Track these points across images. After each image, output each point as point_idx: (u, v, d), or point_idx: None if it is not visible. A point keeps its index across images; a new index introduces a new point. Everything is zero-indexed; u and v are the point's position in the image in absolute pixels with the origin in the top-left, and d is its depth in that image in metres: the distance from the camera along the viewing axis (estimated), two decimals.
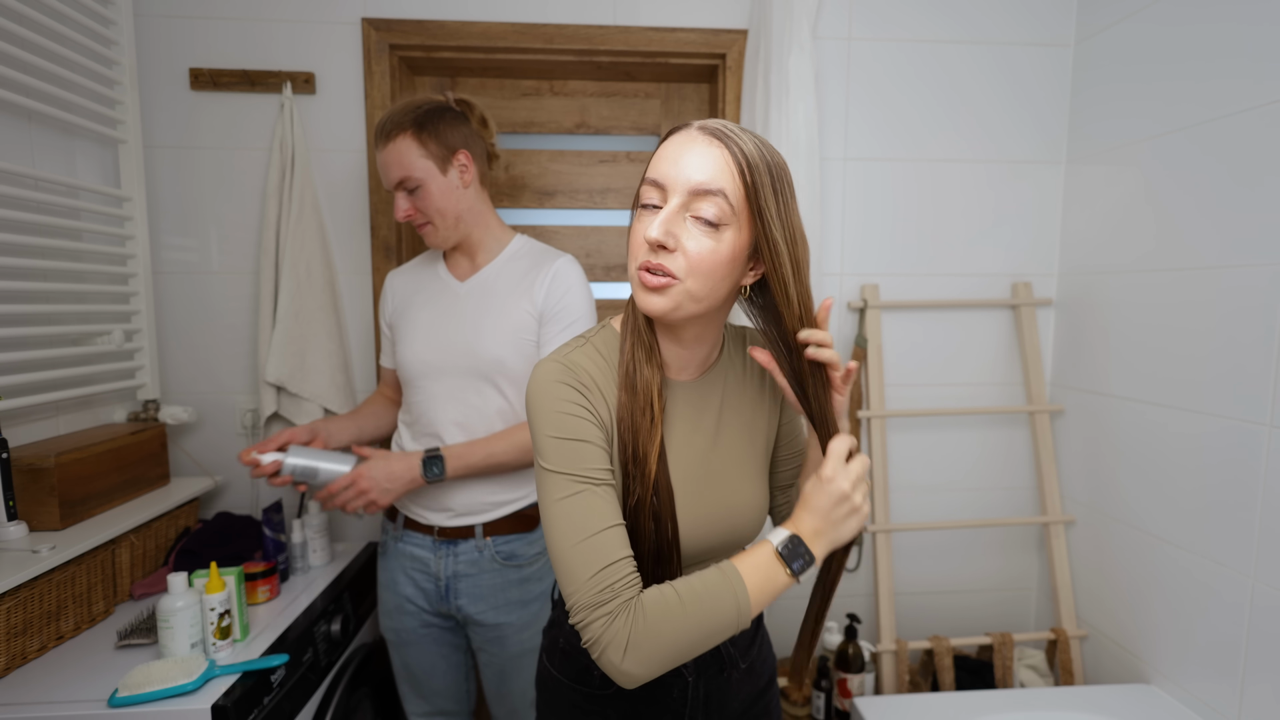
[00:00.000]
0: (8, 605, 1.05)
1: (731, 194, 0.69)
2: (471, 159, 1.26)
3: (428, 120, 1.22)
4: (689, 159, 0.69)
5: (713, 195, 0.69)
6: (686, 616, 0.67)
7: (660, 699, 0.86)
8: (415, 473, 1.22)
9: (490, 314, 1.26)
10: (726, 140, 0.69)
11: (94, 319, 1.44)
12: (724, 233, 0.70)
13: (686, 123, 0.73)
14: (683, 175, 0.69)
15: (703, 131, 0.71)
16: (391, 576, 1.34)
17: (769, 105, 1.53)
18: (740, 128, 0.72)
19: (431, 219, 1.25)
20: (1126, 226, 1.51)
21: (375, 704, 1.52)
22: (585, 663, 0.86)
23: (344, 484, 1.21)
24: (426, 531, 1.30)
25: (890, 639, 1.64)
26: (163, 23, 1.53)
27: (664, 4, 1.61)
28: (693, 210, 0.69)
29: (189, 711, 0.99)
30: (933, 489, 1.76)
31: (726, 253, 0.70)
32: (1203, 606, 1.31)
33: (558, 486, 0.70)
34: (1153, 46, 1.44)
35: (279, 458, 1.21)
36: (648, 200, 0.72)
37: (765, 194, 0.69)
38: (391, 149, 1.21)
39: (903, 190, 1.69)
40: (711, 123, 0.71)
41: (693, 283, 0.70)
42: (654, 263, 0.70)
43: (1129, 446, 1.50)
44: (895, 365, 1.72)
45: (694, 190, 0.69)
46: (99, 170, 1.48)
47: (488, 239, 1.31)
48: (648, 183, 0.72)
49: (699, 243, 0.69)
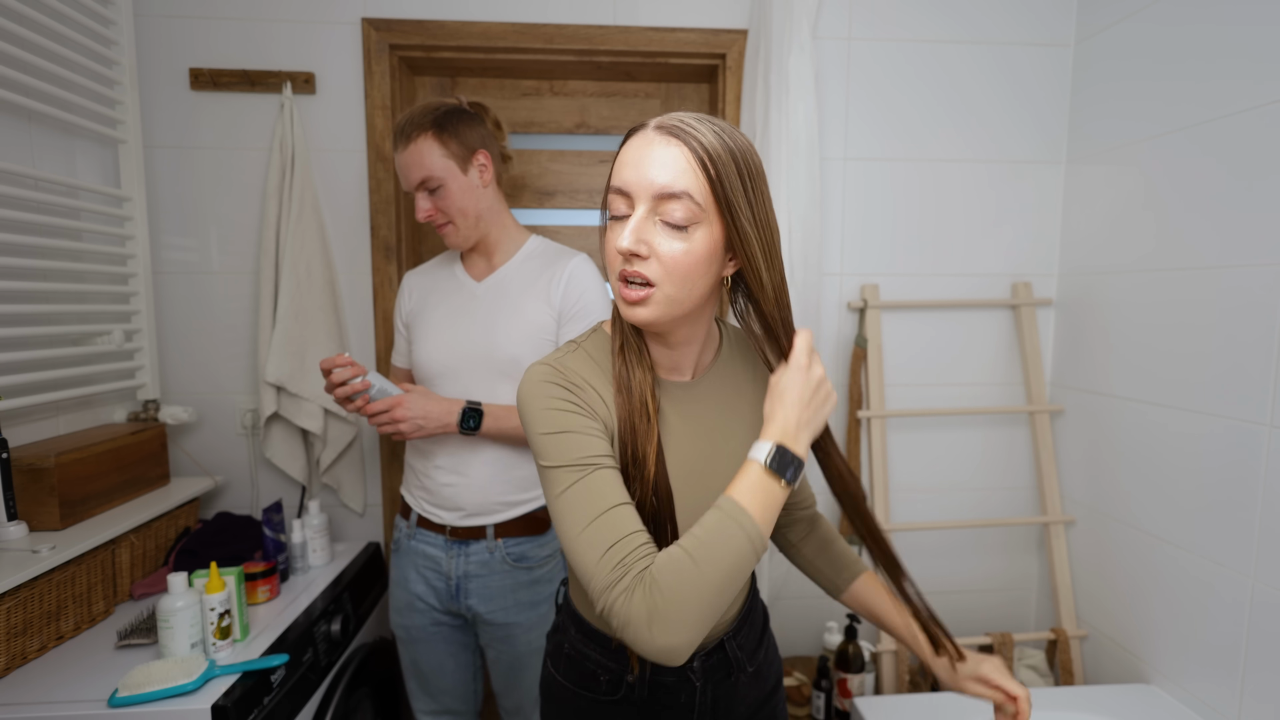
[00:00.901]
0: (8, 605, 1.05)
1: (697, 193, 0.67)
2: (490, 159, 1.28)
3: (447, 121, 1.23)
4: (650, 162, 0.68)
5: (677, 198, 0.67)
6: (700, 567, 0.64)
7: (668, 704, 0.85)
8: (451, 419, 1.22)
9: (506, 313, 1.27)
10: (684, 136, 0.68)
11: (94, 319, 1.44)
12: (695, 233, 0.69)
13: (643, 123, 0.71)
14: (645, 180, 0.68)
15: (660, 131, 0.69)
16: (403, 573, 1.35)
17: (769, 105, 1.53)
18: (700, 118, 0.70)
19: (453, 218, 1.26)
20: (1126, 226, 1.51)
21: (375, 704, 1.52)
22: (590, 668, 0.86)
23: (384, 406, 1.21)
24: (439, 531, 1.31)
25: (890, 639, 1.63)
26: (163, 23, 1.53)
27: (664, 4, 1.61)
28: (660, 214, 0.68)
29: (189, 711, 0.99)
30: (932, 489, 1.76)
31: (701, 252, 0.69)
32: (1203, 606, 1.31)
33: (558, 480, 0.70)
34: (1153, 46, 1.44)
35: (364, 376, 1.22)
36: (616, 211, 0.71)
37: (731, 186, 0.68)
38: (412, 150, 1.22)
39: (903, 190, 1.69)
40: (668, 119, 0.70)
41: (670, 287, 0.70)
42: (630, 270, 0.70)
43: (1129, 446, 1.50)
44: (895, 365, 1.72)
45: (658, 194, 0.68)
46: (99, 170, 1.48)
47: (504, 239, 1.32)
48: (613, 191, 0.71)
49: (671, 246, 0.69)
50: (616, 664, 0.85)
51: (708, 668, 0.86)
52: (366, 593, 1.54)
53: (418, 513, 1.33)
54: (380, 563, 1.65)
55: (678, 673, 0.85)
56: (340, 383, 1.20)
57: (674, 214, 0.68)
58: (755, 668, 0.91)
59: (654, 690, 0.85)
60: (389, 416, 1.21)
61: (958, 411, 1.69)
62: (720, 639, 0.87)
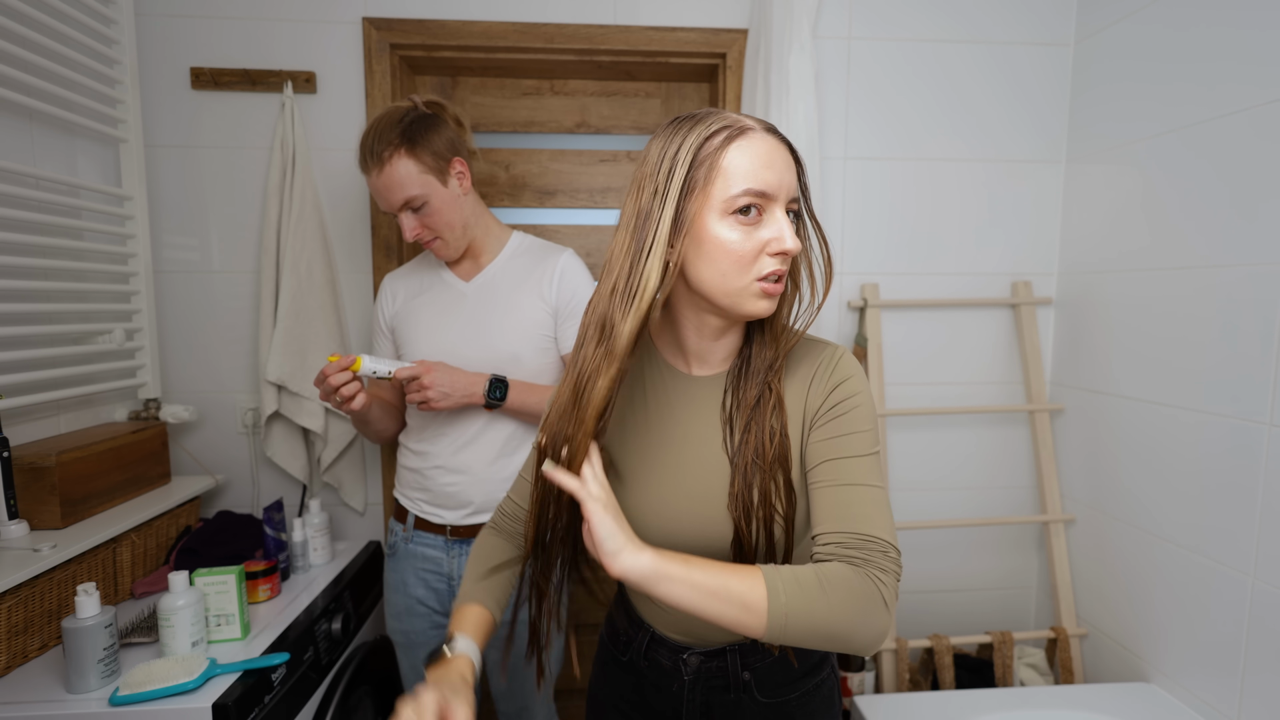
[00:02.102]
0: (9, 604, 1.05)
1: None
2: (465, 163, 1.25)
3: (415, 133, 1.18)
4: (782, 166, 0.71)
5: (797, 201, 0.74)
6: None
7: (660, 685, 0.88)
8: (477, 389, 1.21)
9: (500, 312, 1.27)
10: (786, 141, 0.73)
11: (95, 318, 1.44)
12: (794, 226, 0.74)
13: (748, 125, 0.71)
14: (784, 182, 0.71)
15: (775, 135, 0.72)
16: (401, 578, 1.34)
17: (769, 105, 1.54)
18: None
19: (441, 234, 1.24)
20: (1126, 225, 1.51)
21: (376, 703, 1.52)
22: (616, 625, 0.93)
23: (410, 374, 1.19)
24: (438, 532, 1.31)
25: (890, 638, 1.64)
26: (164, 22, 1.53)
27: (664, 3, 1.61)
28: (787, 210, 0.73)
29: (190, 710, 0.99)
30: (933, 488, 1.76)
31: None
32: (1203, 605, 1.31)
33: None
34: (1152, 46, 1.44)
35: (361, 369, 1.17)
36: (747, 204, 0.70)
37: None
38: (388, 172, 1.17)
39: (903, 189, 1.69)
40: (768, 123, 0.74)
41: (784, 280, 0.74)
42: (783, 270, 0.72)
43: (1129, 445, 1.50)
44: (895, 364, 1.72)
45: (791, 197, 0.72)
46: (100, 169, 1.49)
47: (488, 239, 1.32)
48: (749, 194, 0.69)
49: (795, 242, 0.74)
50: (630, 626, 0.91)
51: (703, 670, 0.85)
52: (367, 591, 1.54)
53: (415, 514, 1.33)
54: (381, 561, 1.65)
55: (671, 657, 0.86)
56: (336, 387, 1.15)
57: (795, 211, 0.74)
58: (773, 702, 0.86)
59: (650, 664, 0.88)
60: (417, 384, 1.19)
61: (957, 410, 1.70)
62: (723, 646, 0.85)
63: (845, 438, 0.74)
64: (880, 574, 0.66)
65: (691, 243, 0.71)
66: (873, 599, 0.64)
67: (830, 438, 0.74)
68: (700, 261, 0.71)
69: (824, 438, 0.75)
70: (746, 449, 0.76)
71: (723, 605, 0.64)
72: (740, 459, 0.76)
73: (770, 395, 0.76)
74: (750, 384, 0.77)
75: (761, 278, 0.71)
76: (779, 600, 0.63)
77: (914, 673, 1.68)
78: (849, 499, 0.71)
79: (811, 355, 0.79)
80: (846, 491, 0.71)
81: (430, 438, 1.31)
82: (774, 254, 0.71)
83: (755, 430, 0.76)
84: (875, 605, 0.64)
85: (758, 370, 0.77)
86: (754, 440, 0.75)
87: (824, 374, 0.77)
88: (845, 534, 0.68)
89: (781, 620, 0.63)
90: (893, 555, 0.67)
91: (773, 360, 0.77)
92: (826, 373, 0.77)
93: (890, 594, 0.66)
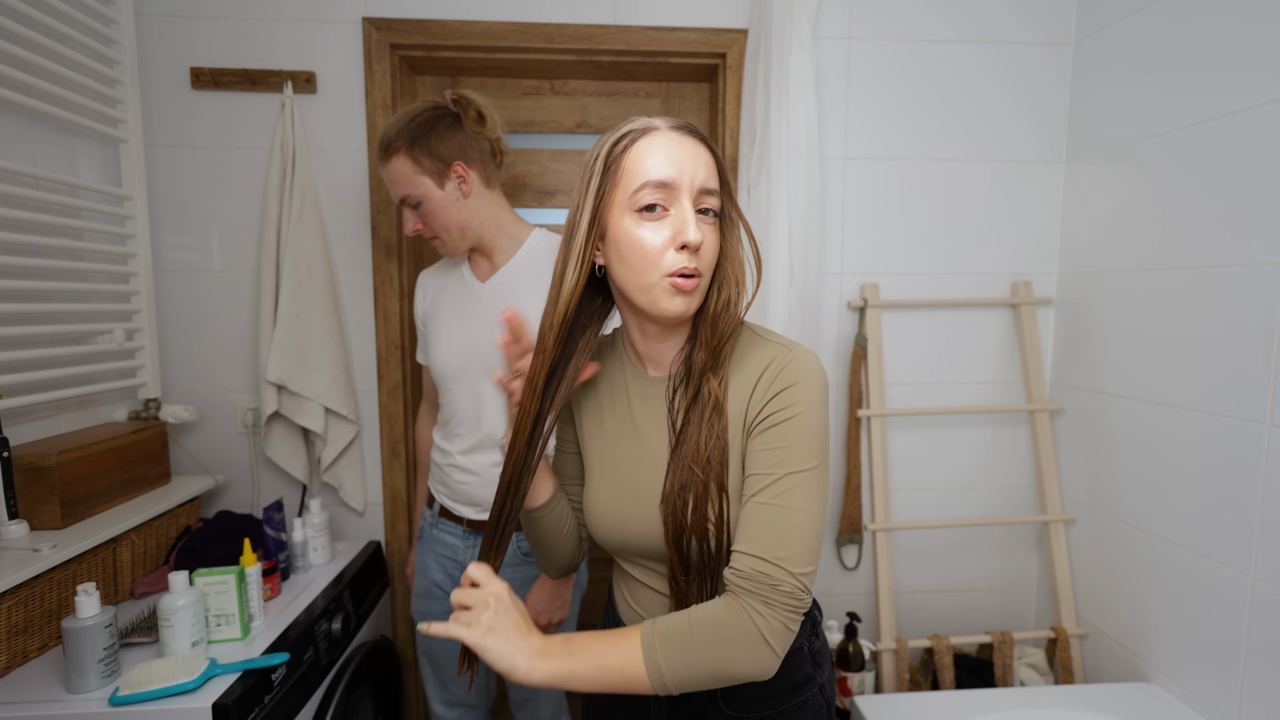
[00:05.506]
0: (9, 604, 1.05)
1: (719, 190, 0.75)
2: (469, 168, 1.25)
3: (420, 135, 1.21)
4: (688, 158, 0.72)
5: (714, 194, 0.74)
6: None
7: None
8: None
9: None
10: (702, 138, 0.75)
11: (95, 318, 1.44)
12: (716, 227, 0.75)
13: (652, 125, 0.74)
14: (688, 175, 0.72)
15: (682, 132, 0.74)
16: (424, 561, 1.40)
17: (769, 104, 1.53)
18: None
19: (437, 233, 1.27)
20: (1127, 225, 1.51)
21: (376, 703, 1.52)
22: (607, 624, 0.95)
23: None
24: (458, 521, 1.35)
25: (890, 638, 1.64)
26: (164, 22, 1.53)
27: (664, 3, 1.61)
28: (698, 206, 0.73)
29: (190, 710, 0.99)
30: (932, 488, 1.77)
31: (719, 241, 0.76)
32: (1202, 605, 1.31)
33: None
34: (1152, 45, 1.44)
35: None
36: (650, 202, 0.71)
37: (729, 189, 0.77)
38: (391, 168, 1.23)
39: (903, 189, 1.69)
40: (680, 121, 0.76)
41: (706, 277, 0.74)
42: (691, 266, 0.72)
43: (1129, 445, 1.50)
44: (895, 364, 1.72)
45: (701, 189, 0.73)
46: (100, 169, 1.49)
47: (501, 239, 1.31)
48: (651, 186, 0.71)
49: (709, 237, 0.74)
50: (611, 624, 0.94)
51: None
52: (367, 591, 1.54)
53: (440, 504, 1.38)
54: (381, 561, 1.65)
55: None
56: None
57: (712, 205, 0.74)
58: (742, 717, 0.83)
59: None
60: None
61: (958, 410, 1.70)
62: None
63: (780, 450, 0.71)
64: (761, 608, 0.67)
65: (610, 246, 0.74)
66: (746, 636, 0.67)
67: (766, 448, 0.72)
68: (616, 262, 0.75)
69: (760, 447, 0.73)
70: (683, 451, 0.75)
71: (611, 680, 0.67)
72: (675, 460, 0.75)
73: (709, 398, 0.74)
74: (689, 386, 0.77)
75: (671, 273, 0.72)
76: (653, 658, 0.67)
77: (914, 673, 1.68)
78: (766, 520, 0.70)
79: (761, 358, 0.76)
80: (766, 511, 0.70)
81: (448, 435, 1.34)
82: (679, 248, 0.71)
83: (692, 432, 0.75)
84: (749, 642, 0.67)
85: (695, 372, 0.77)
86: (690, 442, 0.75)
87: (769, 378, 0.74)
88: (748, 558, 0.69)
89: (659, 676, 0.67)
90: (785, 588, 0.67)
91: (705, 362, 0.76)
92: (771, 377, 0.74)
93: (771, 626, 0.67)
